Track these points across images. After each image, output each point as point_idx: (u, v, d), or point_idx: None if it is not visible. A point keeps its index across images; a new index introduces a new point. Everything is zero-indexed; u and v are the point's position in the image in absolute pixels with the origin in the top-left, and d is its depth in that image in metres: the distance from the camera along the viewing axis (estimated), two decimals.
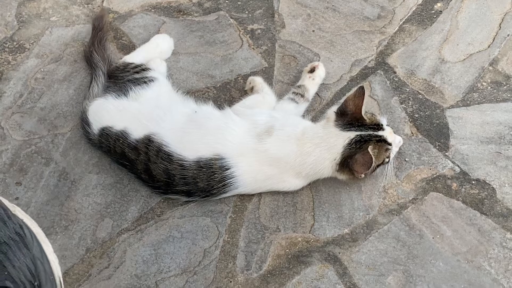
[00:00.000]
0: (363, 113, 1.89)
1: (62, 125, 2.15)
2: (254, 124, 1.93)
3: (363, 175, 1.91)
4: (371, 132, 1.87)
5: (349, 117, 1.89)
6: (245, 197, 1.97)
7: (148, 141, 1.89)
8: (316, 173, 1.92)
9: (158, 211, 1.95)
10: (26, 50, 2.40)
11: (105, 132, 1.97)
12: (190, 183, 1.86)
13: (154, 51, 2.32)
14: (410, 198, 1.98)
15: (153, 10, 2.57)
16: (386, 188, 2.00)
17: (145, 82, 2.06)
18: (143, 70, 2.15)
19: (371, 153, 1.79)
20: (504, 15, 2.53)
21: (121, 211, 1.94)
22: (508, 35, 2.45)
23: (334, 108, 1.95)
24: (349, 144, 1.85)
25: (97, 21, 2.39)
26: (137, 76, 2.11)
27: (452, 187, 2.00)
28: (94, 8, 2.56)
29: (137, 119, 1.94)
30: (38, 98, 2.22)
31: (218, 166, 1.85)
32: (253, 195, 1.97)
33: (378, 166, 1.93)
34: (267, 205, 1.96)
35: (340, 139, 1.87)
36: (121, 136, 1.93)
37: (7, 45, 2.41)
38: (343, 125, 1.88)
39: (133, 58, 2.24)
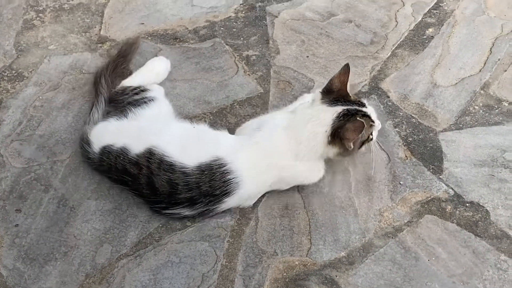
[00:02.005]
0: (348, 89, 1.99)
1: (61, 152, 2.16)
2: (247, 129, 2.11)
3: (352, 146, 1.94)
4: (357, 107, 1.97)
5: (335, 94, 1.99)
6: (243, 221, 1.99)
7: (149, 154, 1.92)
8: (311, 150, 1.97)
9: (157, 236, 1.96)
10: (25, 78, 2.42)
11: (106, 150, 1.99)
12: (194, 189, 1.89)
13: (151, 73, 2.37)
14: (406, 221, 2.00)
15: (149, 38, 2.61)
16: (382, 211, 2.02)
17: (145, 102, 2.11)
18: (142, 91, 2.19)
19: (361, 119, 1.89)
20: (495, 40, 2.58)
21: (120, 237, 1.95)
22: (499, 59, 2.49)
23: (319, 89, 2.03)
24: (338, 117, 1.94)
25: (126, 46, 2.46)
26: (136, 97, 2.15)
27: (447, 210, 2.02)
28: (91, 36, 2.60)
29: (137, 135, 1.99)
30: (37, 125, 2.25)
31: (218, 165, 1.91)
32: (250, 218, 1.99)
33: (363, 143, 2.01)
34: (264, 229, 1.98)
35: (328, 113, 1.95)
36: (122, 153, 1.96)
37: (5, 74, 2.44)
38: (330, 101, 1.98)
39: (131, 81, 2.28)
